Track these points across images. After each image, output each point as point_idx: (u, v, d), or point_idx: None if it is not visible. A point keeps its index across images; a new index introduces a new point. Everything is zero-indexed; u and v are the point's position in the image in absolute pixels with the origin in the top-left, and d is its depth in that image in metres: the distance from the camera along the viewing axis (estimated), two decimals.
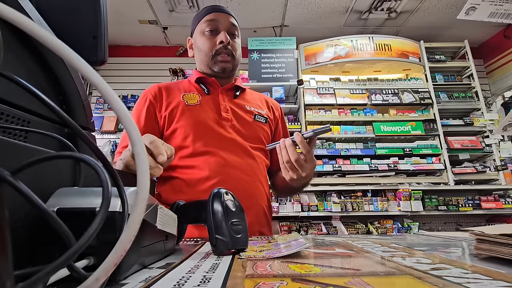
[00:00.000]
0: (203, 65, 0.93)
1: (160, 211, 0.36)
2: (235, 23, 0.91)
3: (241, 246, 0.42)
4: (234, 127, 0.86)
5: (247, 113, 0.92)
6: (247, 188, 0.82)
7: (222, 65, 0.89)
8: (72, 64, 0.16)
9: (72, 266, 0.19)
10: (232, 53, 0.89)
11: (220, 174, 0.79)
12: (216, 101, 0.89)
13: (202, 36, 0.89)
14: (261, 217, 0.86)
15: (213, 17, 0.88)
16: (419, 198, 2.64)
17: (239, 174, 0.81)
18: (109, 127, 3.23)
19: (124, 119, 0.18)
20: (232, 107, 0.90)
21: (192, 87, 0.92)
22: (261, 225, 0.85)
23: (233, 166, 0.81)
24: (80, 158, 0.21)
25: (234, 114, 0.89)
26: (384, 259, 0.36)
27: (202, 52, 0.90)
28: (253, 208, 0.82)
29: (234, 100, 0.93)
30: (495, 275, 0.27)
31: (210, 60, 0.89)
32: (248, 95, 0.99)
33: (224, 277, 0.28)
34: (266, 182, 0.91)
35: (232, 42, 0.89)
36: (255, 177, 0.85)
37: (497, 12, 1.41)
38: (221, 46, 0.87)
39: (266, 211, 0.88)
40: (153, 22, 3.15)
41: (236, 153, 0.83)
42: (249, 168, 0.84)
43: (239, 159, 0.83)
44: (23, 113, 0.28)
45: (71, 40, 0.24)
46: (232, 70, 0.92)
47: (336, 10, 3.03)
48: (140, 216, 0.18)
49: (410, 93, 3.00)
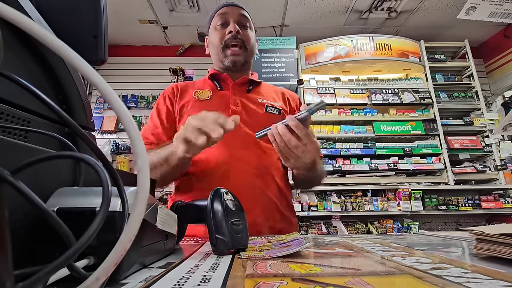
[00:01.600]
0: (216, 59, 0.95)
1: (160, 210, 0.36)
2: (246, 15, 0.92)
3: (241, 246, 0.42)
4: (244, 120, 0.84)
5: (258, 105, 0.90)
6: (253, 180, 0.79)
7: (232, 58, 0.89)
8: (72, 63, 0.16)
9: (72, 265, 0.19)
10: (243, 43, 0.89)
11: (225, 166, 0.79)
12: (227, 96, 0.89)
13: (214, 30, 0.92)
14: (273, 212, 0.81)
15: (224, 11, 0.91)
16: (419, 198, 2.64)
17: (244, 167, 0.80)
18: (109, 126, 3.23)
19: (124, 119, 0.18)
20: (243, 100, 0.90)
21: (206, 84, 0.94)
22: (275, 220, 0.80)
23: (239, 159, 0.80)
24: (80, 158, 0.21)
25: (245, 107, 0.88)
26: (384, 258, 0.36)
27: (214, 46, 0.92)
28: (260, 202, 0.78)
29: (246, 94, 0.93)
30: (495, 274, 0.27)
31: (221, 53, 0.90)
32: (263, 88, 0.98)
33: (224, 277, 0.28)
34: (280, 175, 0.87)
35: (243, 31, 0.89)
36: (263, 170, 0.82)
37: (497, 12, 1.41)
38: (230, 36, 0.87)
39: (279, 205, 0.83)
40: (153, 22, 3.15)
41: (244, 145, 0.82)
42: (257, 160, 0.82)
43: (247, 152, 0.82)
44: (23, 113, 0.28)
45: (71, 40, 0.24)
46: (244, 64, 0.92)
47: (336, 10, 3.03)
48: (140, 215, 0.18)
49: (410, 93, 3.00)
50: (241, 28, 0.89)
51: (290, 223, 0.86)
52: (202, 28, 3.28)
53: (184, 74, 3.17)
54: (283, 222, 0.83)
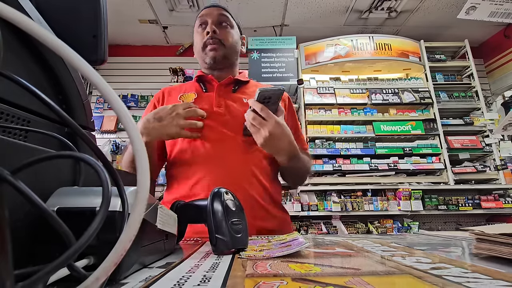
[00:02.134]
0: (200, 61, 0.95)
1: (160, 210, 0.36)
2: (224, 14, 0.92)
3: (241, 246, 0.42)
4: (227, 121, 0.85)
5: (243, 105, 0.89)
6: (234, 180, 0.78)
7: (211, 54, 0.89)
8: (72, 63, 0.16)
9: (72, 265, 0.19)
10: (220, 41, 0.90)
11: (204, 168, 0.79)
12: (211, 97, 0.89)
13: (196, 33, 0.94)
14: (259, 211, 0.80)
15: (203, 13, 0.93)
16: (419, 198, 2.64)
17: (225, 167, 0.80)
18: (109, 126, 3.23)
19: (124, 119, 0.18)
20: (228, 101, 0.89)
21: (193, 87, 0.95)
22: (262, 219, 0.80)
23: (220, 159, 0.81)
24: (80, 158, 0.21)
25: (228, 108, 0.88)
26: (384, 258, 0.36)
27: (196, 48, 0.94)
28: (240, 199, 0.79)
29: (232, 94, 0.92)
30: (495, 274, 0.27)
31: (202, 53, 0.92)
32: (250, 88, 0.97)
33: (224, 277, 0.28)
34: (264, 174, 0.86)
35: (221, 31, 0.90)
36: (246, 169, 0.82)
37: (497, 12, 1.41)
38: (208, 37, 0.89)
39: (264, 204, 0.82)
40: (153, 22, 3.15)
41: (225, 146, 0.82)
42: (239, 160, 0.82)
43: (228, 152, 0.82)
44: (23, 113, 0.28)
45: (71, 40, 0.23)
46: (224, 59, 0.91)
47: (336, 10, 3.02)
48: (140, 215, 0.18)
49: (410, 93, 3.00)
50: (219, 27, 0.90)
51: (280, 221, 0.85)
52: None
53: (184, 74, 3.16)
54: (271, 220, 0.82)
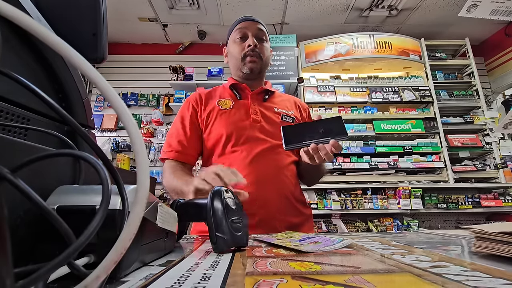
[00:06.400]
0: (235, 69, 1.03)
1: (160, 208, 0.36)
2: (262, 29, 1.01)
3: (241, 244, 0.42)
4: (263, 127, 0.94)
5: (275, 114, 1.00)
6: (271, 180, 0.88)
7: (250, 66, 0.98)
8: (72, 61, 0.16)
9: (72, 263, 0.19)
10: (259, 55, 0.98)
11: (246, 170, 0.86)
12: (247, 105, 0.98)
13: (233, 43, 1.01)
14: (288, 208, 0.90)
15: (242, 25, 1.00)
16: (419, 196, 2.64)
17: (263, 169, 0.89)
18: (109, 125, 3.23)
19: (123, 117, 0.18)
20: (261, 109, 0.99)
21: (226, 94, 1.03)
22: (290, 215, 0.89)
23: (259, 162, 0.89)
24: (80, 156, 0.21)
25: (263, 115, 0.97)
26: (383, 256, 0.36)
27: (234, 58, 1.01)
28: (276, 198, 0.88)
29: (263, 103, 1.02)
30: (495, 272, 0.27)
31: (240, 63, 0.99)
32: (277, 98, 1.07)
33: (224, 275, 0.28)
34: (293, 175, 0.96)
35: (260, 45, 0.99)
36: (279, 171, 0.91)
37: (498, 10, 1.40)
38: (249, 49, 0.97)
39: (294, 202, 0.92)
40: (153, 20, 3.14)
41: (263, 150, 0.91)
42: (274, 163, 0.91)
43: (265, 156, 0.91)
44: (23, 111, 0.28)
45: (71, 38, 0.23)
46: (260, 72, 1.01)
47: (336, 8, 3.01)
48: (140, 214, 0.18)
49: (411, 91, 3.00)
50: (259, 41, 0.98)
51: (306, 219, 0.94)
52: (202, 26, 3.27)
53: (184, 72, 3.15)
54: (299, 216, 0.92)
